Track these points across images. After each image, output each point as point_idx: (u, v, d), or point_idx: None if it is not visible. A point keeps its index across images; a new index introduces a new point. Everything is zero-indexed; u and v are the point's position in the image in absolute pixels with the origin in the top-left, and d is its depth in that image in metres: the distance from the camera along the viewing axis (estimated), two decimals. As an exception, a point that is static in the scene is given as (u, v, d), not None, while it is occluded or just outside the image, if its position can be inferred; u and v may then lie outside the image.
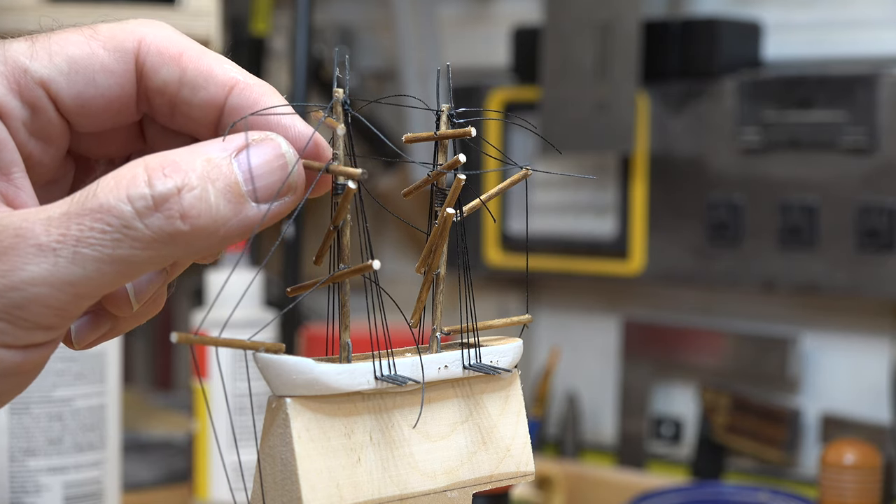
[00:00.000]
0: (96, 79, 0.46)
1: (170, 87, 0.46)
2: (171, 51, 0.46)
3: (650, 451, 1.35)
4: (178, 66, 0.46)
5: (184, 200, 0.41)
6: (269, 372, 0.44)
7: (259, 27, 1.47)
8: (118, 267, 0.41)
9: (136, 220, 0.41)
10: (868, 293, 1.19)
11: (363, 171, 0.44)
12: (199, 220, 0.41)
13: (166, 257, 0.42)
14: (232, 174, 0.42)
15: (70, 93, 0.46)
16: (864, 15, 1.25)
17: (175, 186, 0.41)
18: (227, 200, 0.42)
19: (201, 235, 0.41)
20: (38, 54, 0.46)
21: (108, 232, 0.41)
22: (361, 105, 0.46)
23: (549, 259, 1.38)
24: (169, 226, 0.41)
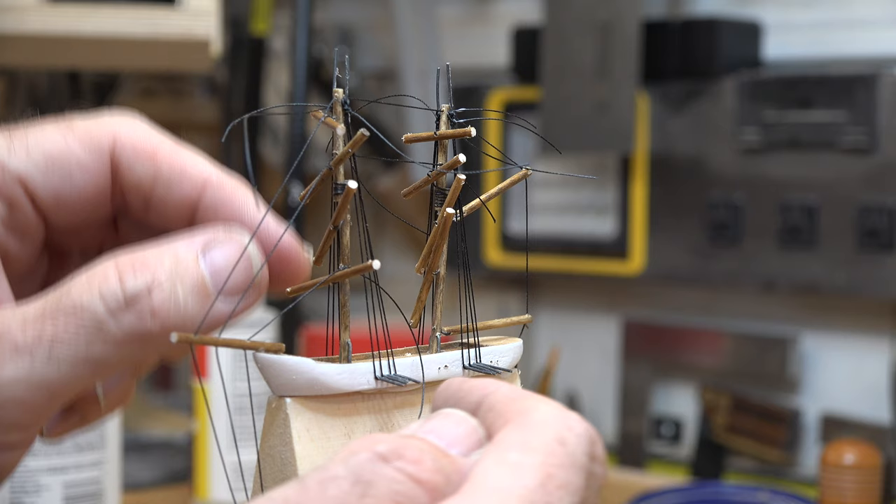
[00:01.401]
0: (72, 175, 0.47)
1: (144, 184, 0.47)
2: (146, 148, 0.47)
3: (650, 451, 1.35)
4: (153, 163, 0.47)
5: (154, 299, 0.42)
6: (269, 372, 0.44)
7: (259, 27, 1.47)
8: (91, 367, 0.42)
9: (108, 319, 0.42)
10: (868, 293, 1.19)
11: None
12: (169, 319, 0.42)
13: (137, 356, 0.43)
14: (199, 272, 0.43)
15: (47, 189, 0.46)
16: (864, 15, 1.25)
17: (145, 285, 0.42)
18: (195, 299, 0.43)
19: (171, 330, 0.42)
20: (15, 150, 0.46)
21: (82, 332, 0.42)
22: (361, 105, 0.46)
23: (549, 259, 1.38)
24: (140, 325, 0.42)
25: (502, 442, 0.39)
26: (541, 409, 0.40)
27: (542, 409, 0.40)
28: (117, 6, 1.16)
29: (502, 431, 0.39)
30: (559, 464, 0.38)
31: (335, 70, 0.46)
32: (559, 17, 1.31)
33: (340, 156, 0.44)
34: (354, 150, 0.44)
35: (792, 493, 1.14)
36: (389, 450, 0.37)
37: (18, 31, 1.13)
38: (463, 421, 0.40)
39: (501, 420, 0.40)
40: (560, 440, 0.39)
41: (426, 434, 0.40)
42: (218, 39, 1.18)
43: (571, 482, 0.38)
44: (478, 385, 0.42)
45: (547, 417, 0.39)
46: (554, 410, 0.40)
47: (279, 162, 1.50)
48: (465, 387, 0.42)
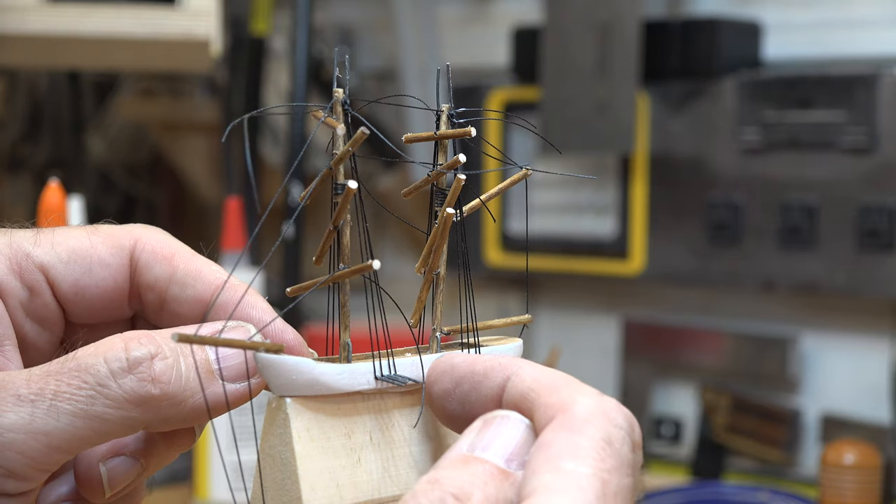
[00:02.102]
0: (93, 269, 0.49)
1: (160, 284, 0.49)
2: (165, 251, 0.49)
3: (650, 451, 1.35)
4: (170, 264, 0.49)
5: (156, 366, 0.44)
6: (269, 372, 0.44)
7: (259, 27, 1.47)
8: (91, 423, 0.44)
9: (110, 380, 0.44)
10: (868, 293, 1.19)
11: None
12: (169, 387, 0.44)
13: (136, 420, 0.44)
14: (203, 352, 0.45)
15: (67, 279, 0.49)
16: (864, 15, 1.25)
17: (149, 353, 0.44)
18: (196, 374, 0.45)
19: (170, 402, 0.44)
20: (41, 242, 0.49)
21: (84, 388, 0.44)
22: (361, 105, 0.46)
23: (549, 259, 1.38)
24: (141, 387, 0.44)
25: (552, 446, 0.39)
26: (581, 401, 0.40)
27: (582, 401, 0.40)
28: (117, 6, 1.16)
29: (549, 432, 0.40)
30: (611, 468, 0.39)
31: (335, 70, 0.46)
32: (559, 17, 1.31)
33: (340, 155, 0.44)
34: (354, 149, 0.44)
35: (792, 493, 1.14)
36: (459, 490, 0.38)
37: (18, 31, 1.13)
38: (518, 426, 0.41)
39: (541, 413, 0.41)
40: (607, 440, 0.40)
41: (485, 452, 0.40)
42: (218, 39, 1.18)
43: (623, 484, 0.39)
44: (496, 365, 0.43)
45: (590, 412, 0.40)
46: (594, 401, 0.41)
47: (279, 162, 1.50)
48: (480, 367, 0.43)
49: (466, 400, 0.44)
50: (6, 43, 1.15)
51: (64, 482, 0.49)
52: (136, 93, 1.65)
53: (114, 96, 1.69)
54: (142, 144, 1.74)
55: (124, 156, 1.73)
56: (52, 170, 1.32)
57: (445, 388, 0.44)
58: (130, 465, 0.49)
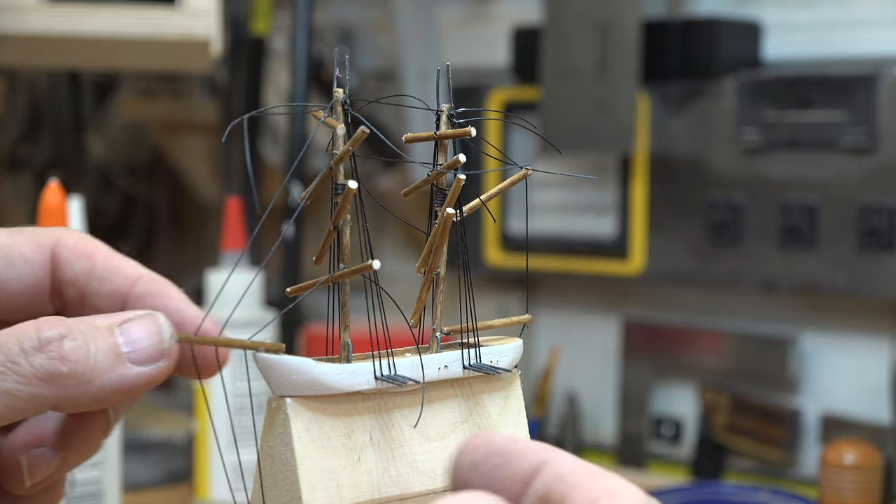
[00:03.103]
0: (14, 265, 0.51)
1: (80, 279, 0.51)
2: (84, 248, 0.52)
3: (650, 451, 1.35)
4: (90, 261, 0.51)
5: (65, 345, 0.46)
6: (269, 372, 0.44)
7: (259, 27, 1.47)
8: (1, 398, 0.45)
9: (21, 357, 0.46)
10: (868, 293, 1.19)
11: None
12: (77, 365, 0.46)
13: (45, 398, 0.46)
14: (112, 337, 0.47)
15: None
16: (864, 15, 1.25)
17: (59, 334, 0.46)
18: (106, 356, 0.47)
19: (78, 380, 0.46)
20: None
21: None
22: (361, 105, 0.46)
23: (549, 259, 1.38)
24: (50, 365, 0.46)
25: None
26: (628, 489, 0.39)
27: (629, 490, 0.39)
28: (117, 6, 1.16)
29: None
30: None
31: (335, 70, 0.46)
32: (559, 17, 1.31)
33: (340, 154, 0.44)
34: (354, 149, 0.44)
35: (792, 493, 1.14)
36: None
37: (18, 31, 1.13)
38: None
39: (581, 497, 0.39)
40: None
41: None
42: (218, 39, 1.18)
43: None
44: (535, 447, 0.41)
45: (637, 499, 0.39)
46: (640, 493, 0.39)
47: (279, 162, 1.50)
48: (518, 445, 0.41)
49: (491, 475, 0.41)
50: (6, 43, 1.15)
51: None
52: (136, 93, 1.65)
53: (114, 96, 1.69)
54: (142, 144, 1.74)
55: (124, 156, 1.73)
56: (52, 170, 1.32)
57: (475, 459, 0.42)
58: (50, 456, 0.51)
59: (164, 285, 0.51)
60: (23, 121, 1.67)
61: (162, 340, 0.47)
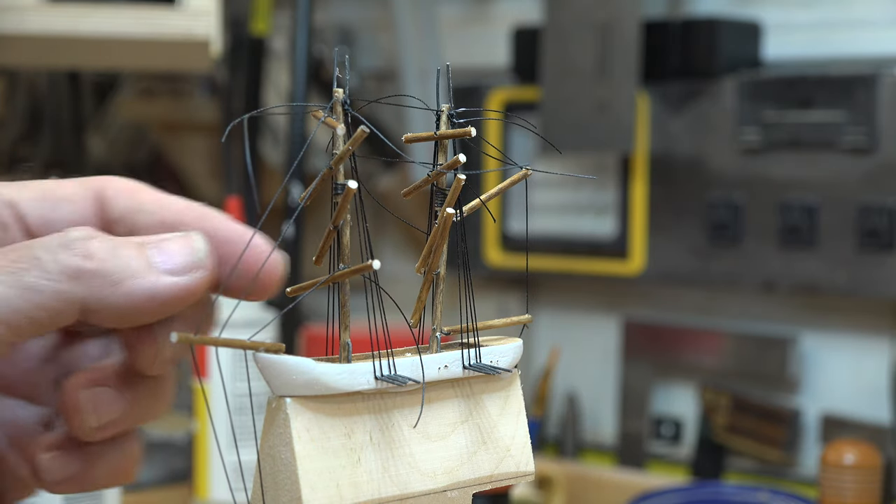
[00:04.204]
0: (59, 205, 0.50)
1: (128, 215, 0.50)
2: (130, 186, 0.51)
3: (650, 451, 1.35)
4: (136, 196, 0.51)
5: (91, 243, 0.45)
6: (269, 372, 0.44)
7: (259, 27, 1.47)
8: (24, 292, 0.44)
9: (45, 253, 0.45)
10: (868, 293, 1.19)
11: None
12: (104, 264, 0.45)
13: (71, 294, 0.45)
14: (145, 248, 0.46)
15: (34, 214, 0.50)
16: (864, 15, 1.25)
17: (87, 234, 0.46)
18: (135, 260, 0.46)
19: (104, 279, 0.45)
20: (11, 185, 0.51)
21: (19, 263, 0.44)
22: (361, 105, 0.46)
23: (549, 259, 1.38)
24: (74, 261, 0.45)
25: None
26: None
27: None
28: (117, 6, 1.16)
29: None
30: None
31: (335, 70, 0.46)
32: (559, 17, 1.31)
33: (340, 154, 0.44)
34: (355, 148, 0.44)
35: (792, 493, 1.14)
36: None
37: (18, 31, 1.13)
38: None
39: None
40: None
41: None
42: (218, 39, 1.18)
43: None
44: None
45: None
46: None
47: (279, 162, 1.50)
48: None
49: None
50: (6, 43, 1.15)
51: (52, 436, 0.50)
52: (136, 93, 1.65)
53: (114, 96, 1.69)
54: (142, 144, 1.74)
55: (124, 156, 1.73)
56: (52, 170, 1.32)
57: None
58: (113, 395, 0.49)
59: (211, 212, 0.50)
60: (23, 121, 1.68)
61: (195, 251, 0.46)
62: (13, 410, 0.51)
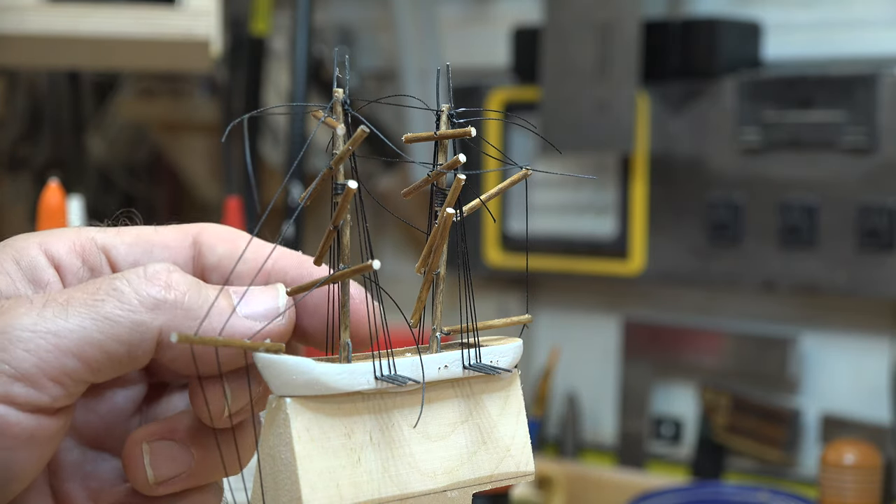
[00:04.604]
0: (154, 251, 0.49)
1: (223, 263, 0.49)
2: (228, 234, 0.50)
3: (650, 451, 1.35)
4: (233, 245, 0.49)
5: (173, 276, 0.44)
6: (269, 372, 0.44)
7: (259, 27, 1.47)
8: (100, 324, 0.43)
9: (123, 284, 0.44)
10: (868, 293, 1.19)
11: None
12: (186, 297, 0.44)
13: (148, 325, 0.43)
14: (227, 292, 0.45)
15: (127, 260, 0.48)
16: (864, 15, 1.25)
17: (167, 268, 0.44)
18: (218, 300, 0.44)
19: (184, 311, 0.44)
20: (108, 231, 0.49)
21: (97, 294, 0.43)
22: (361, 105, 0.46)
23: (549, 259, 1.38)
24: (154, 290, 0.44)
25: None
26: None
27: None
28: (117, 6, 1.16)
29: None
30: None
31: (335, 70, 0.46)
32: (559, 17, 1.31)
33: (341, 154, 0.44)
34: (355, 148, 0.44)
35: (792, 493, 1.14)
36: None
37: (18, 31, 1.13)
38: None
39: None
40: None
41: None
42: (218, 39, 1.18)
43: None
44: None
45: None
46: None
47: (279, 162, 1.50)
48: None
49: None
50: (6, 43, 1.15)
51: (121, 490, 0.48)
52: (136, 93, 1.65)
53: (114, 96, 1.69)
54: (142, 144, 1.74)
55: (124, 156, 1.73)
56: (52, 170, 1.32)
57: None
58: (177, 450, 0.47)
59: (307, 260, 0.49)
60: (23, 121, 1.68)
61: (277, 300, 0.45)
62: (95, 463, 0.49)
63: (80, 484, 0.48)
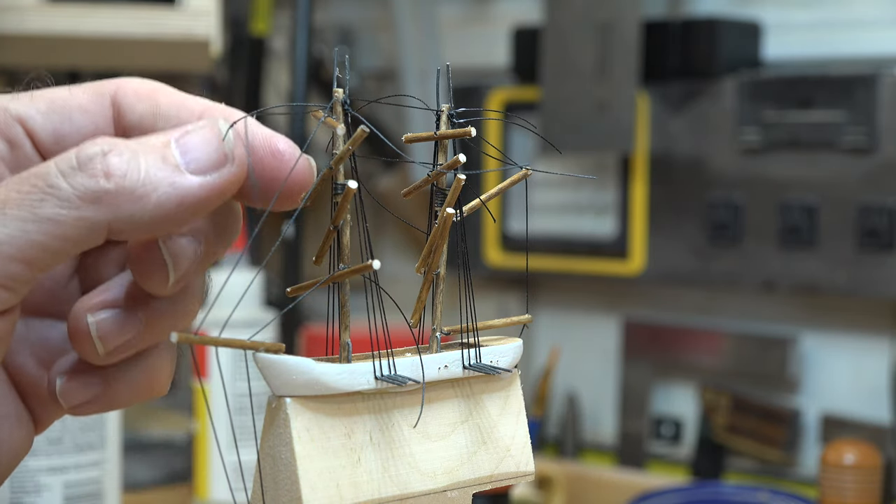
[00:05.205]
0: (72, 116, 0.47)
1: (146, 121, 0.47)
2: (146, 89, 0.47)
3: (650, 451, 1.35)
4: (153, 100, 0.47)
5: (109, 160, 0.41)
6: (268, 372, 0.44)
7: (259, 27, 1.47)
8: (42, 226, 0.41)
9: (59, 179, 0.41)
10: (868, 293, 1.19)
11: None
12: (125, 180, 0.41)
13: (94, 220, 0.41)
14: (168, 148, 0.42)
15: (46, 129, 0.47)
16: (864, 15, 1.25)
17: (101, 150, 0.42)
18: (159, 168, 0.42)
19: (129, 197, 0.41)
20: (19, 97, 0.47)
21: (32, 193, 0.41)
22: (361, 105, 0.46)
23: (549, 259, 1.38)
24: (92, 183, 0.41)
25: None
26: None
27: None
28: (117, 6, 1.16)
29: None
30: None
31: (335, 70, 0.46)
32: (559, 17, 1.31)
33: (340, 154, 0.44)
34: (354, 148, 0.44)
35: (792, 493, 1.14)
36: None
37: (18, 31, 1.13)
38: None
39: None
40: None
41: None
42: (218, 39, 1.18)
43: None
44: None
45: None
46: None
47: (279, 162, 1.49)
48: None
49: None
50: (6, 43, 1.15)
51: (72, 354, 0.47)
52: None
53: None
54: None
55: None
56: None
57: None
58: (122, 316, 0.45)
59: (233, 113, 0.47)
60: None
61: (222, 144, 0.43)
62: (41, 331, 0.48)
63: (30, 354, 0.48)
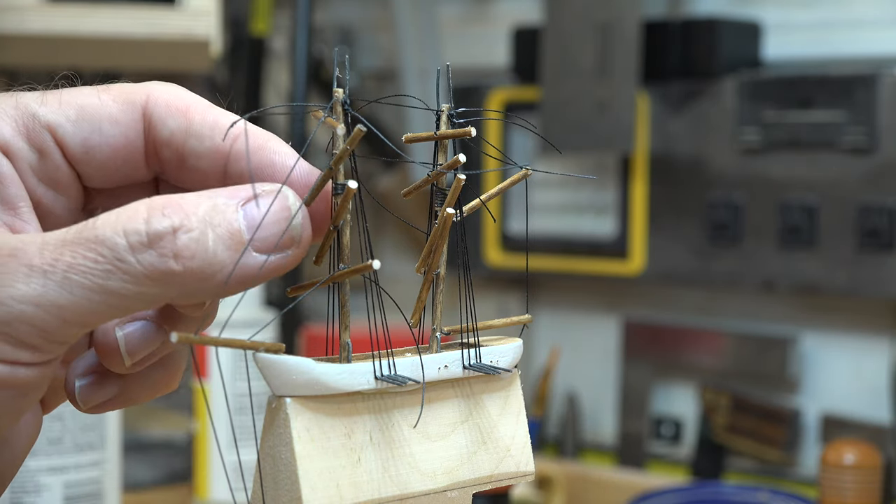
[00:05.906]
0: (102, 127, 0.46)
1: (177, 138, 0.47)
2: (179, 104, 0.47)
3: (650, 451, 1.35)
4: (185, 117, 0.47)
5: (178, 240, 0.41)
6: (268, 372, 0.44)
7: (259, 27, 1.47)
8: (106, 297, 0.41)
9: (128, 254, 0.41)
10: (868, 293, 1.19)
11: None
12: (193, 262, 0.41)
13: (157, 297, 0.42)
14: (235, 221, 0.42)
15: (76, 139, 0.46)
16: (864, 15, 1.25)
17: (171, 226, 0.41)
18: (227, 247, 0.42)
19: (194, 278, 0.42)
20: (48, 101, 0.47)
21: (100, 262, 0.41)
22: (361, 105, 0.46)
23: (549, 259, 1.38)
24: (161, 263, 0.41)
25: None
26: None
27: None
28: (117, 6, 1.16)
29: None
30: None
31: (335, 70, 0.46)
32: (559, 17, 1.31)
33: (340, 154, 0.44)
34: (353, 148, 0.44)
35: (792, 493, 1.14)
36: None
37: (18, 31, 1.13)
38: None
39: None
40: None
41: None
42: (218, 39, 1.18)
43: None
44: None
45: None
46: None
47: (279, 162, 1.49)
48: None
49: None
50: (6, 43, 1.15)
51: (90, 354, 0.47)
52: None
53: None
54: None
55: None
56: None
57: None
58: (150, 330, 0.46)
59: (268, 139, 0.47)
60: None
61: (291, 225, 0.43)
62: None
63: None
